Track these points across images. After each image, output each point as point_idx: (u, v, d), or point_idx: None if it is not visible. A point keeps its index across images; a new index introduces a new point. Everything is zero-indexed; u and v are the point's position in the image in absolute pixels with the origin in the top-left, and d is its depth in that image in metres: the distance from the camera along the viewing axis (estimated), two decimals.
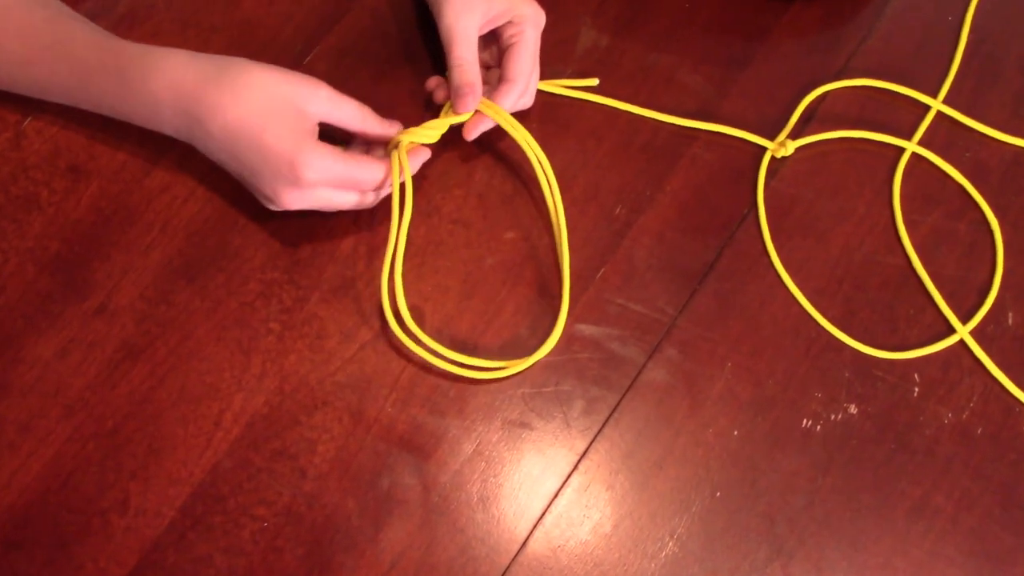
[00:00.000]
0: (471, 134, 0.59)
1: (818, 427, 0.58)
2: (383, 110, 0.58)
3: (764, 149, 0.64)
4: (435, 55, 0.64)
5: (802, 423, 0.58)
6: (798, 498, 0.56)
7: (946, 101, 0.67)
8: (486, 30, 0.59)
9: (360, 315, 0.58)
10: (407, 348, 0.57)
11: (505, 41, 0.59)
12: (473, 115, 0.59)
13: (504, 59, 0.59)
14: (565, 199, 0.61)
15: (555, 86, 0.64)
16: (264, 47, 0.64)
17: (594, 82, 0.65)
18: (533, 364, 0.58)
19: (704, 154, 0.64)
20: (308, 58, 0.64)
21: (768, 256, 0.62)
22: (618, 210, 0.62)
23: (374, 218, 0.60)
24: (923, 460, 0.58)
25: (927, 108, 0.67)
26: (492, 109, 0.58)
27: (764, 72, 0.67)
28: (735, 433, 0.58)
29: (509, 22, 0.59)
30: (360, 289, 0.59)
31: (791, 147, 0.64)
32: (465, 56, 0.57)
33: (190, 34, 0.64)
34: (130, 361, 0.56)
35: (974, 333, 0.61)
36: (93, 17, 0.58)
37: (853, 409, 0.59)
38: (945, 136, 0.66)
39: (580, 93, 0.64)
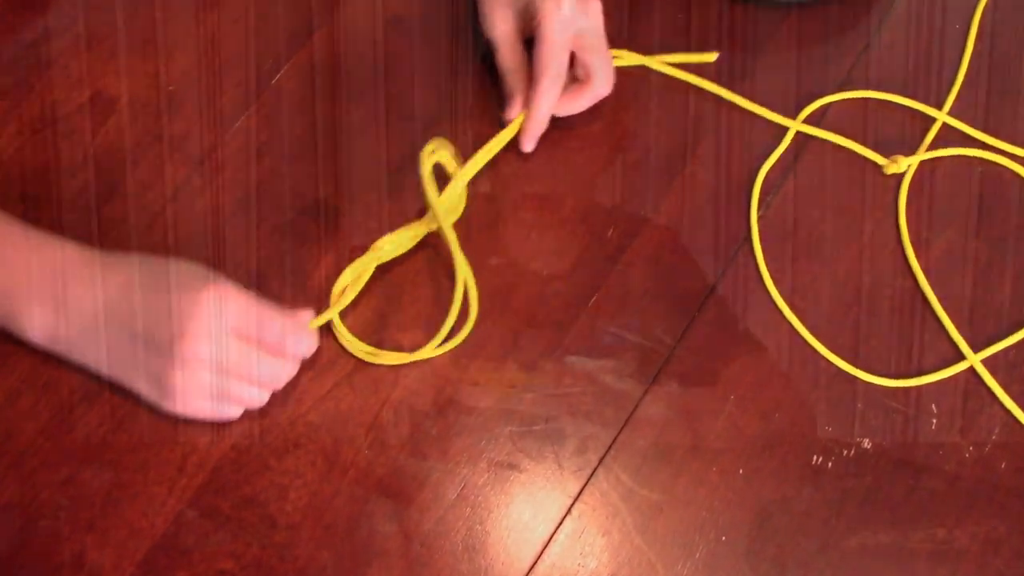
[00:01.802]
0: (525, 144, 0.60)
1: (830, 463, 0.56)
2: (356, 130, 0.56)
3: (762, 166, 0.62)
4: (412, 71, 0.63)
5: (813, 460, 0.56)
6: (811, 541, 0.54)
7: (955, 113, 0.65)
8: (527, 34, 0.60)
9: (334, 349, 0.56)
10: (387, 383, 0.55)
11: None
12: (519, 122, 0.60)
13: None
14: (553, 220, 0.60)
15: (661, 63, 0.63)
16: (231, 64, 0.62)
17: (712, 57, 0.64)
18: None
19: (700, 172, 0.63)
20: (277, 77, 0.62)
21: (771, 280, 0.60)
22: (610, 232, 0.60)
23: (348, 245, 0.58)
24: (944, 497, 0.55)
25: (933, 120, 0.65)
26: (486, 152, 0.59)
27: (762, 84, 0.65)
28: (740, 471, 0.55)
29: (535, 19, 0.58)
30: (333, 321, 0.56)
31: (902, 162, 0.62)
32: (506, 65, 0.59)
33: (148, 51, 0.62)
34: (86, 403, 0.54)
35: (993, 360, 0.58)
36: (49, 37, 0.56)
37: (867, 443, 0.56)
38: (956, 149, 0.64)
39: (674, 71, 0.64)
